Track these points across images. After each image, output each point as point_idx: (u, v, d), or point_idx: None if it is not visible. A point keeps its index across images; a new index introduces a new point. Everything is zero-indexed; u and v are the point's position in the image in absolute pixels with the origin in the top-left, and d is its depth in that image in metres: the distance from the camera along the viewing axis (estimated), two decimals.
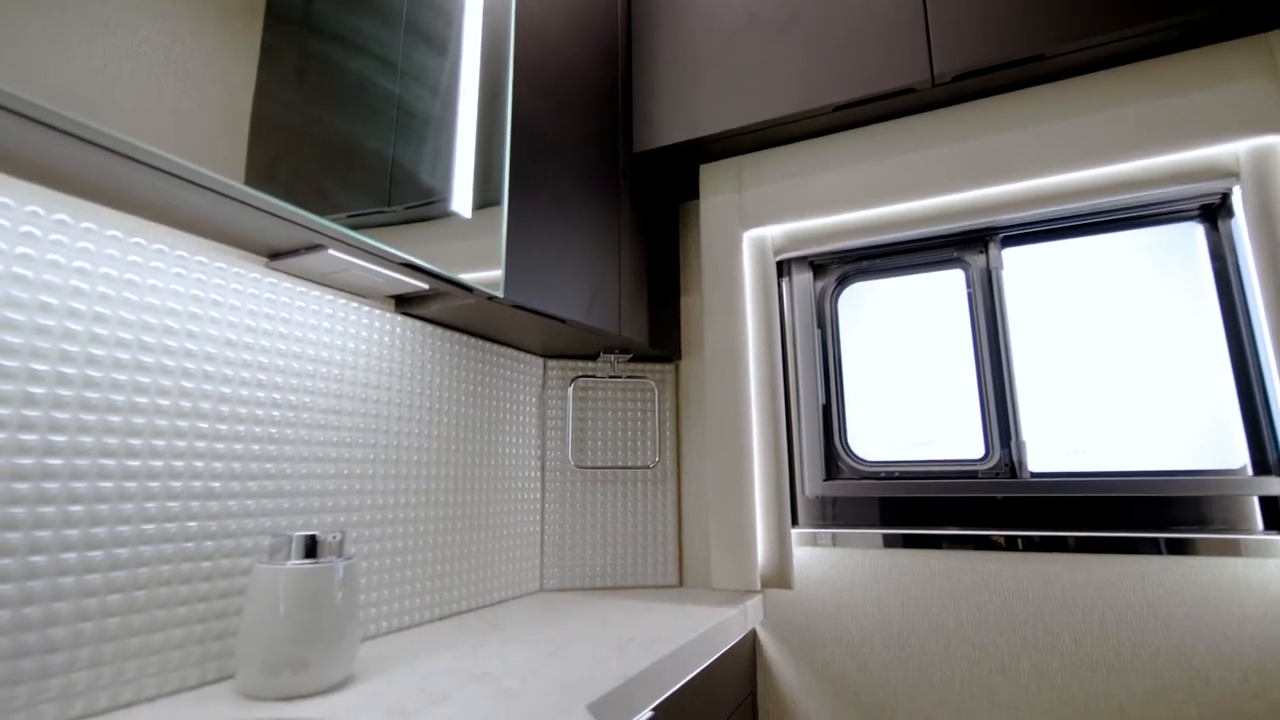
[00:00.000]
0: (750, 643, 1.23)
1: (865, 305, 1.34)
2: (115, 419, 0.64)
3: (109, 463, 0.63)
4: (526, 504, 1.26)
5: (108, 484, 0.63)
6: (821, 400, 1.31)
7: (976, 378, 1.21)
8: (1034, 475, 1.13)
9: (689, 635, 0.91)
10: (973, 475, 1.18)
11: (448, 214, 0.85)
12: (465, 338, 1.14)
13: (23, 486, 0.57)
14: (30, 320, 0.59)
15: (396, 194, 0.78)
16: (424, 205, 0.82)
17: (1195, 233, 1.11)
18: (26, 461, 0.58)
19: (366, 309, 0.94)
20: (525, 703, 0.64)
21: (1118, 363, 1.13)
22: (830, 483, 1.27)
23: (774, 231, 1.28)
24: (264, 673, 0.64)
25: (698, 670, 0.95)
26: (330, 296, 0.88)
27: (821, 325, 1.34)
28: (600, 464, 1.34)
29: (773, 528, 1.18)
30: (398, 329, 0.99)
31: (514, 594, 1.20)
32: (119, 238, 0.66)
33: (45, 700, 0.57)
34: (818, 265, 1.37)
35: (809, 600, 1.23)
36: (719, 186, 1.32)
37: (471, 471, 1.12)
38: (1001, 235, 1.23)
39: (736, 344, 1.24)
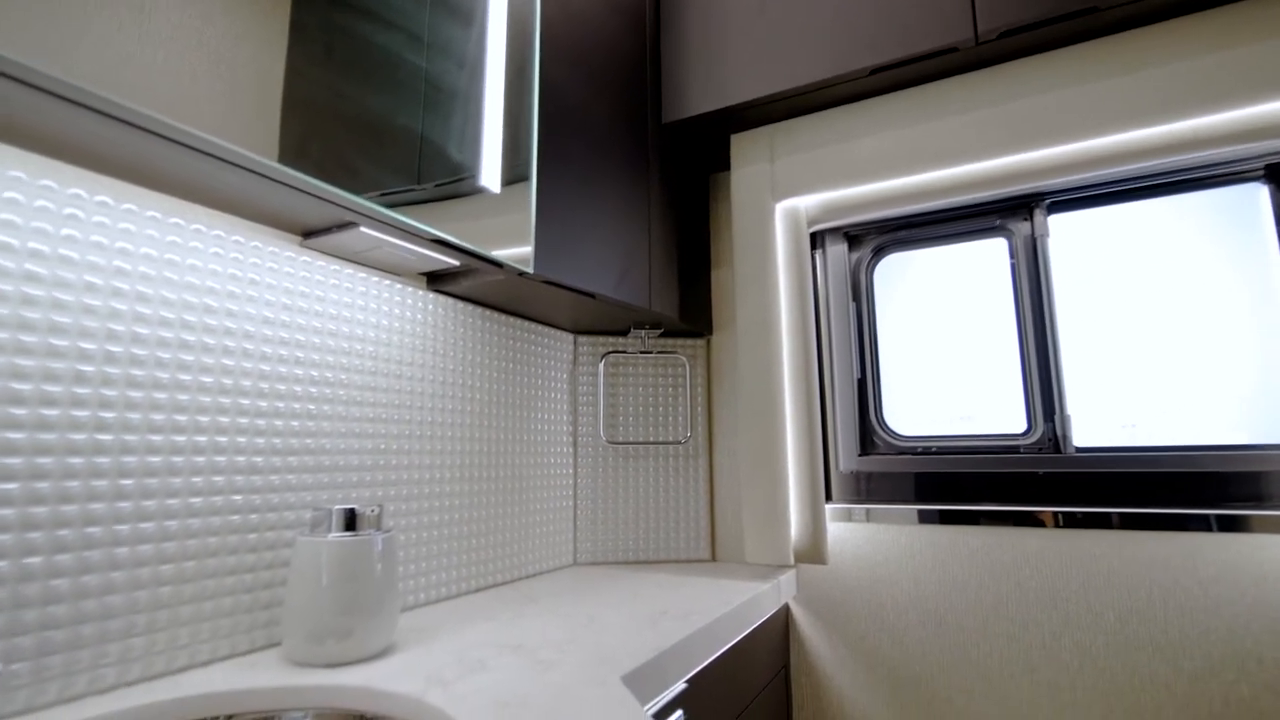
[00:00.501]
0: (783, 617, 1.23)
1: (902, 276, 1.30)
2: (161, 395, 0.66)
3: (156, 438, 0.65)
4: (559, 479, 1.27)
5: (156, 459, 0.65)
6: (856, 374, 1.28)
7: (1019, 350, 1.17)
8: (1079, 450, 1.10)
9: (722, 609, 0.92)
10: (1014, 450, 1.15)
11: (477, 190, 0.85)
12: (496, 314, 1.14)
13: (76, 461, 0.59)
14: (78, 300, 0.60)
15: (426, 170, 0.78)
16: (453, 182, 0.81)
17: (1258, 195, 1.05)
18: (79, 437, 0.60)
19: (399, 286, 0.94)
20: (561, 673, 0.64)
21: (1169, 334, 1.08)
22: (865, 458, 1.25)
23: (807, 202, 1.25)
24: (309, 641, 0.66)
25: (731, 644, 0.96)
26: (363, 274, 0.89)
27: (857, 298, 1.31)
28: (632, 439, 1.34)
29: (806, 503, 1.17)
30: (430, 306, 1.00)
31: (548, 567, 1.22)
32: (158, 218, 0.67)
33: (105, 664, 0.60)
34: (853, 236, 1.33)
35: (843, 575, 1.22)
36: (750, 156, 1.29)
37: (504, 447, 1.13)
38: (1048, 201, 1.17)
39: (769, 318, 1.22)
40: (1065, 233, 1.18)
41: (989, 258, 1.23)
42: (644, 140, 1.22)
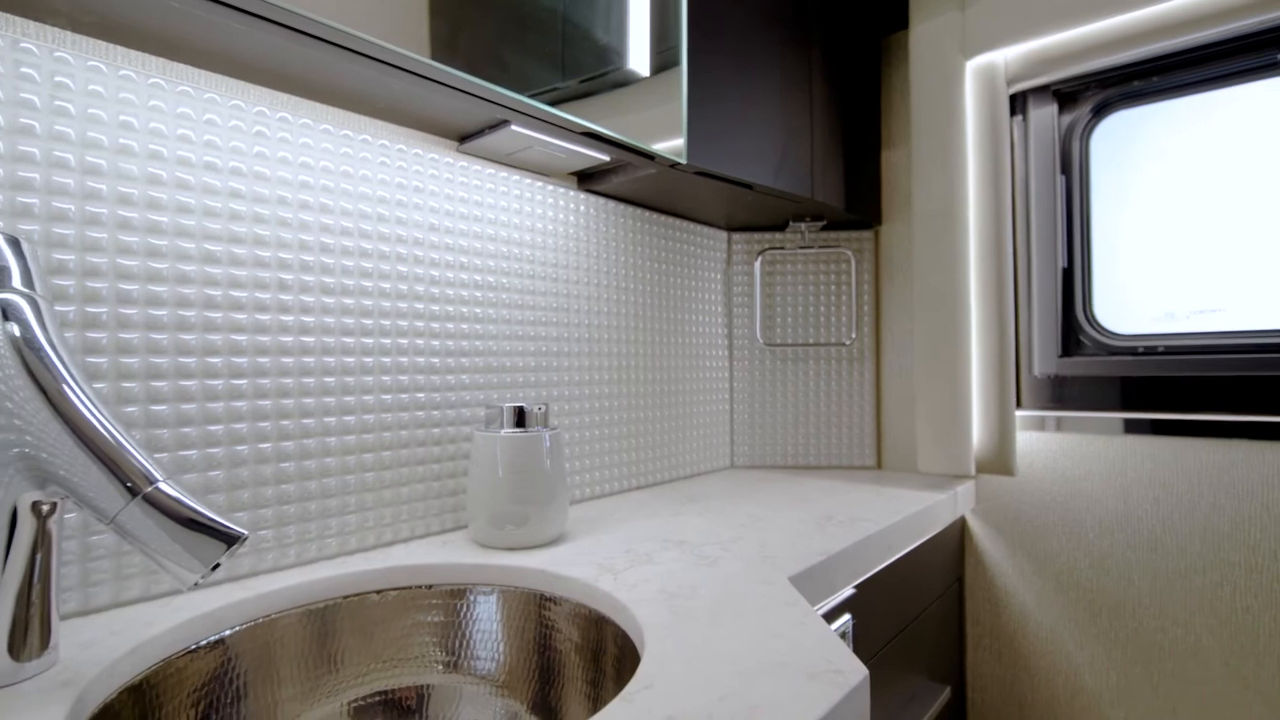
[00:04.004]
0: (959, 529, 1.15)
1: (1130, 140, 1.07)
2: (349, 301, 0.71)
3: (349, 340, 0.71)
4: (714, 381, 1.25)
5: (350, 359, 0.71)
6: (1062, 263, 1.10)
7: None
8: None
9: (894, 517, 0.86)
10: (1275, 350, 0.93)
11: (623, 82, 0.79)
12: (647, 213, 1.10)
13: (288, 360, 0.66)
14: (273, 214, 0.65)
15: (570, 59, 0.74)
16: (598, 76, 0.77)
17: None
18: (287, 339, 0.66)
19: (551, 187, 0.93)
20: (726, 569, 0.64)
21: None
22: (1067, 360, 1.09)
23: (1008, 55, 1.04)
24: (490, 525, 0.71)
25: (902, 553, 0.91)
26: (516, 177, 0.89)
27: (1067, 170, 1.10)
28: (790, 341, 1.28)
29: (992, 409, 1.06)
30: (581, 206, 0.98)
31: (704, 469, 1.22)
32: (330, 131, 0.70)
33: (329, 536, 0.69)
34: (1065, 94, 1.10)
35: (1033, 489, 1.10)
36: (935, 6, 1.09)
37: (658, 349, 1.12)
38: None
39: (953, 201, 1.06)
40: None
41: (1257, 106, 0.96)
42: (804, 2, 1.07)
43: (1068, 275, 1.10)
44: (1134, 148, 1.06)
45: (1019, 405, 1.13)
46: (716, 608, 0.54)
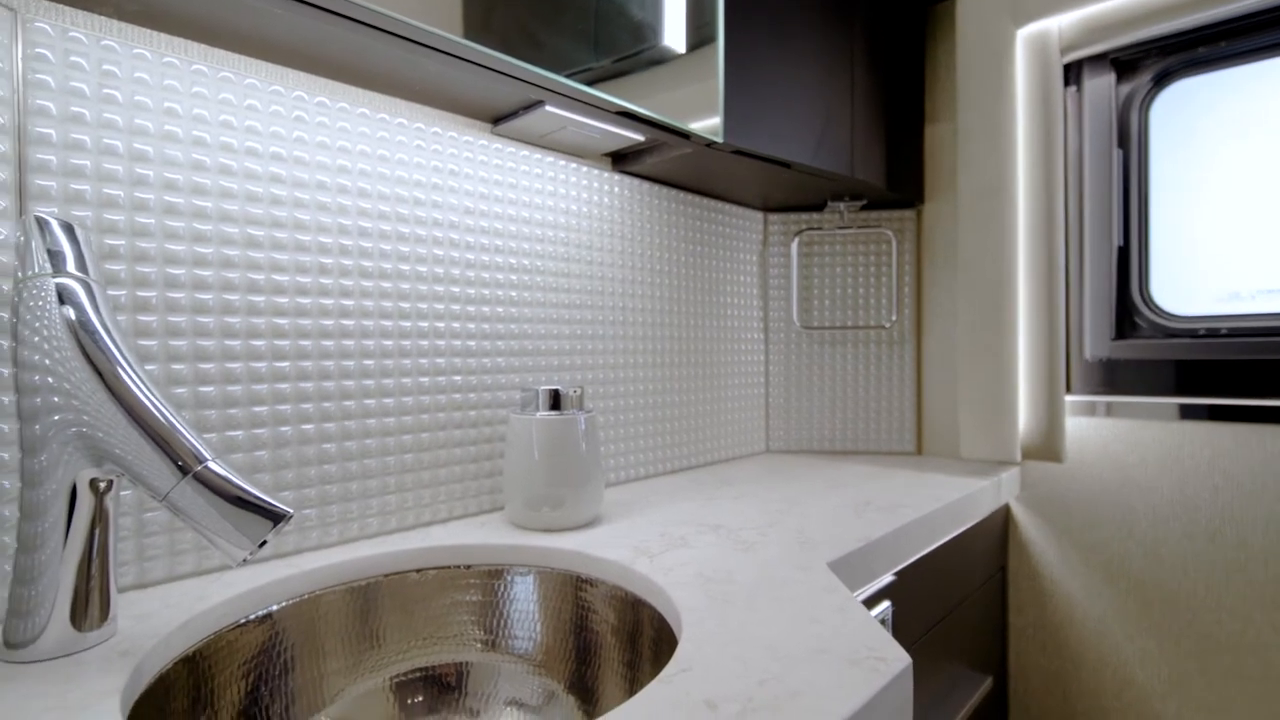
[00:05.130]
0: (1003, 517, 1.12)
1: (1193, 110, 1.01)
2: (387, 285, 0.72)
3: (387, 323, 0.72)
4: (750, 365, 1.24)
5: (389, 342, 0.72)
6: (1118, 241, 1.05)
7: None
8: None
9: (934, 504, 0.84)
10: None
11: (659, 60, 0.77)
12: (682, 194, 1.09)
13: (328, 343, 0.67)
14: (313, 198, 0.66)
15: (604, 34, 0.72)
16: (633, 55, 0.75)
17: None
18: (328, 323, 0.67)
19: (585, 169, 0.92)
20: (764, 554, 0.63)
21: None
22: (1120, 342, 1.04)
23: (1061, 22, 0.99)
24: (526, 507, 0.72)
25: (943, 541, 0.89)
26: (550, 159, 0.88)
27: (1124, 143, 1.05)
28: (828, 324, 1.25)
29: (1041, 394, 1.02)
30: (615, 188, 0.97)
31: (739, 454, 1.21)
32: (367, 115, 0.70)
33: (369, 515, 0.70)
34: (1124, 63, 1.05)
35: (1082, 476, 1.06)
36: None
37: (693, 332, 1.11)
38: None
39: (1001, 178, 1.02)
40: None
41: None
42: None
43: (1123, 254, 1.05)
44: (1198, 118, 1.00)
45: (1068, 390, 1.09)
46: (754, 592, 0.54)
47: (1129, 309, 1.04)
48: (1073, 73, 1.08)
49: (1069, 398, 1.07)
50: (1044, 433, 1.02)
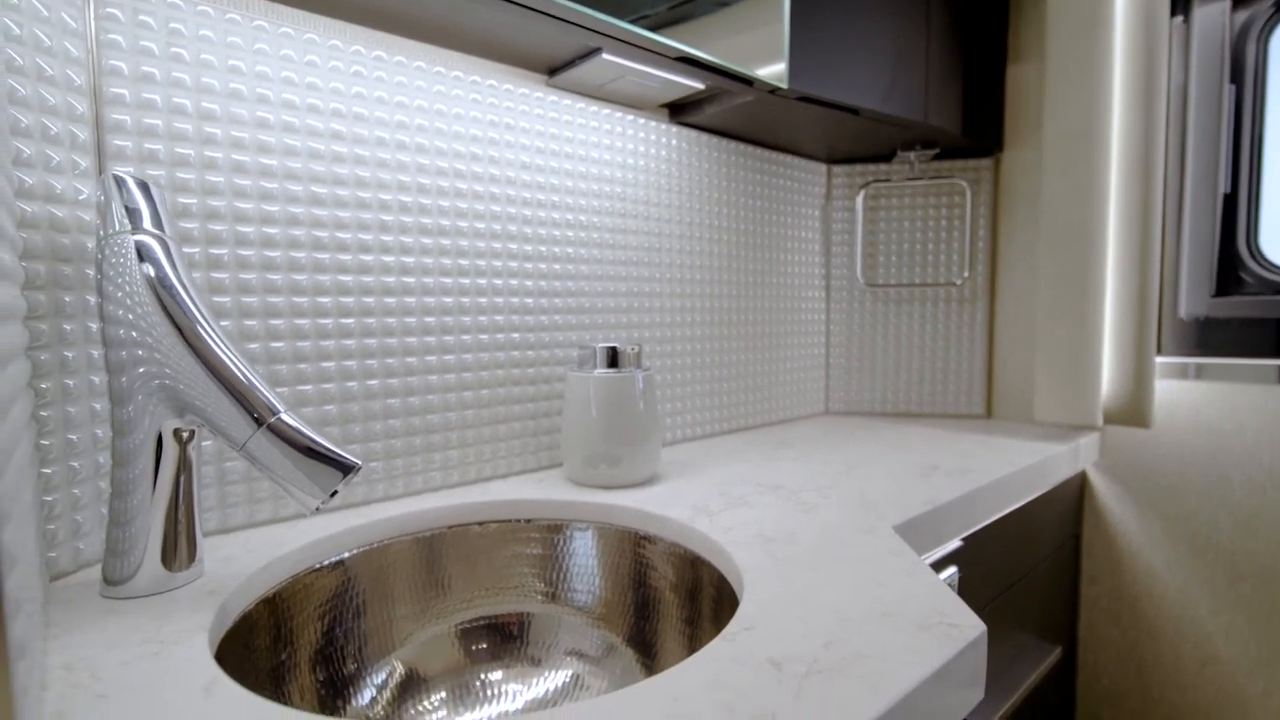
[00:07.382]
0: (1078, 483, 1.07)
1: None
2: (446, 242, 0.72)
3: (447, 280, 0.72)
4: (810, 324, 1.20)
5: (449, 299, 0.72)
6: (1225, 188, 0.95)
7: None
8: None
9: (1007, 468, 0.80)
10: None
11: (720, 3, 0.73)
12: (742, 146, 1.05)
13: (390, 300, 0.68)
14: (373, 155, 0.66)
15: None
16: (692, 0, 0.71)
17: None
18: (390, 279, 0.68)
19: (642, 120, 0.90)
20: (826, 516, 0.62)
21: None
22: (1221, 299, 0.96)
23: None
24: (585, 464, 0.72)
25: (1014, 507, 0.85)
26: (607, 111, 0.86)
27: (1238, 78, 0.94)
28: (893, 281, 1.20)
29: (1128, 355, 0.95)
30: (673, 140, 0.94)
31: (798, 414, 1.19)
32: (423, 68, 0.69)
33: (433, 469, 0.72)
34: None
35: (1169, 442, 0.99)
36: None
37: (752, 290, 1.08)
38: None
39: (1094, 120, 0.94)
40: None
41: None
42: None
43: (1230, 202, 0.95)
44: None
45: (1158, 350, 1.02)
46: (816, 554, 0.52)
47: (1234, 263, 0.96)
48: (1180, 1, 0.97)
49: (1159, 359, 0.99)
50: (1130, 396, 0.95)
